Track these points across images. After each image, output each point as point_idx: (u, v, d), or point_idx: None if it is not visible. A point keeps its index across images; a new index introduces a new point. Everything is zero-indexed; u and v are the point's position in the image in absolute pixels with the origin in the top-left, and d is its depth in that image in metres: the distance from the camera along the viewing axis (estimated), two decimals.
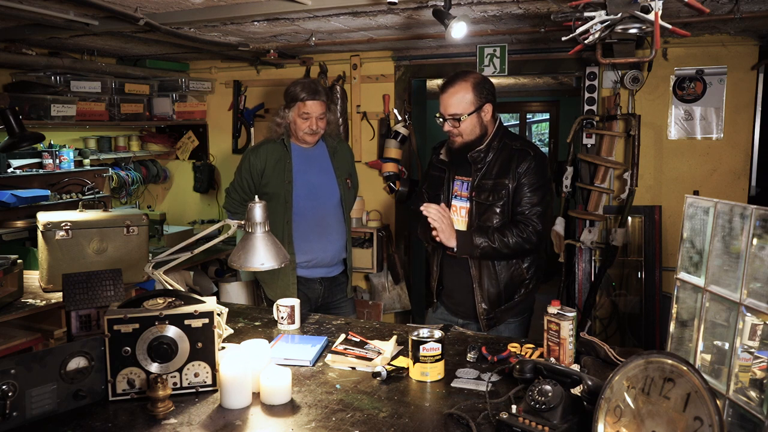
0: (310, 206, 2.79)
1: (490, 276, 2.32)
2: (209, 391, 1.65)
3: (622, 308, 3.82)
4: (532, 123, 8.95)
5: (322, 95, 2.74)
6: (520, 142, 2.35)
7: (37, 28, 2.91)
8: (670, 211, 3.73)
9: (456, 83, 2.28)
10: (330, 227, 2.84)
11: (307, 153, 2.85)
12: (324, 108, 2.74)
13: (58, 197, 3.56)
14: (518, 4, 2.63)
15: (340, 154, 2.93)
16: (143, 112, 4.27)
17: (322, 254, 2.82)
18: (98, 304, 1.90)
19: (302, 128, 2.73)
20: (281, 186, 2.77)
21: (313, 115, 2.71)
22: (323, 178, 2.86)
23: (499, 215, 2.29)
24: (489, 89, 2.30)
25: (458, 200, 2.39)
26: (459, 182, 2.40)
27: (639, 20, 1.88)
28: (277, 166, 2.79)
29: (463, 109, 2.26)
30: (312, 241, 2.80)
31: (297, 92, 2.71)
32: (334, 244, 2.85)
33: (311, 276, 2.84)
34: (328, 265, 2.87)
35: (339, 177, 2.87)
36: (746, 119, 3.59)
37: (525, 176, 2.27)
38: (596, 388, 1.33)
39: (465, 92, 2.26)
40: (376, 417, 1.50)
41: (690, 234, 1.46)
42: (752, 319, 1.25)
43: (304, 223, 2.78)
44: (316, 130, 2.74)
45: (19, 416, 1.46)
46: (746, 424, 1.23)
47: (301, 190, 2.78)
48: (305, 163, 2.82)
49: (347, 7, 2.60)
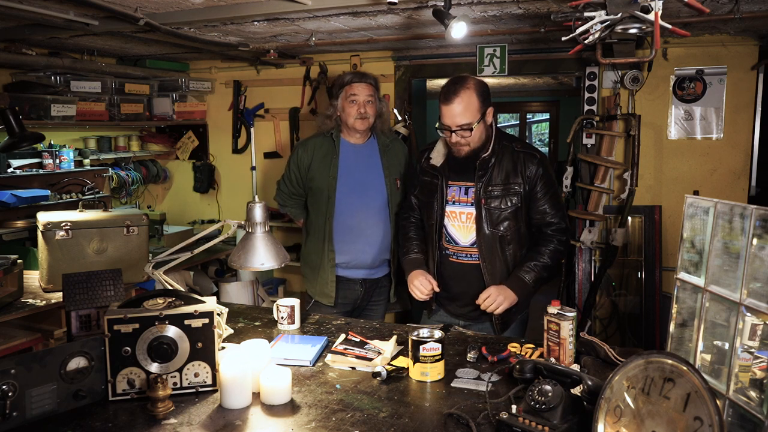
0: (353, 204, 2.72)
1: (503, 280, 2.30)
2: (209, 391, 1.65)
3: (622, 308, 3.82)
4: (532, 123, 8.96)
5: (369, 78, 2.72)
6: (521, 144, 2.34)
7: (37, 28, 2.91)
8: (670, 211, 3.74)
9: (460, 92, 2.17)
10: (372, 228, 2.74)
11: (356, 149, 2.78)
12: (371, 91, 2.70)
13: (58, 197, 3.56)
14: (518, 4, 2.63)
15: (393, 152, 2.84)
16: (143, 112, 4.27)
17: (362, 255, 2.74)
18: (98, 304, 1.90)
19: (351, 114, 2.67)
20: (325, 181, 2.72)
21: (360, 98, 2.66)
22: (371, 176, 2.77)
23: (512, 220, 2.27)
24: (488, 92, 2.26)
25: (457, 206, 2.34)
26: (455, 188, 2.35)
27: (639, 20, 1.88)
28: (324, 161, 2.74)
29: (472, 118, 2.17)
30: (352, 241, 2.73)
31: (344, 77, 2.71)
32: (374, 246, 2.75)
33: (352, 276, 2.78)
34: (370, 267, 2.78)
35: (388, 176, 2.77)
36: (746, 119, 3.59)
37: (538, 182, 2.26)
38: (596, 388, 1.33)
39: (471, 100, 2.17)
40: (376, 417, 1.50)
41: (690, 234, 1.46)
42: (752, 319, 1.25)
43: (345, 222, 2.72)
44: (365, 114, 2.67)
45: (19, 416, 1.46)
46: (746, 424, 1.23)
47: (346, 186, 2.72)
48: (353, 160, 2.76)
49: (347, 7, 2.60)
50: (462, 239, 2.34)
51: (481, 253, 2.29)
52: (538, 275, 2.25)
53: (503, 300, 2.21)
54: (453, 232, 2.35)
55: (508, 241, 2.29)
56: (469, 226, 2.32)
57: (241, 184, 4.72)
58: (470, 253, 2.33)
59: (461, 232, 2.33)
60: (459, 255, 2.35)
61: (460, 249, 2.35)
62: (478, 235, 2.29)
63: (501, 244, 2.28)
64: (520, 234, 2.31)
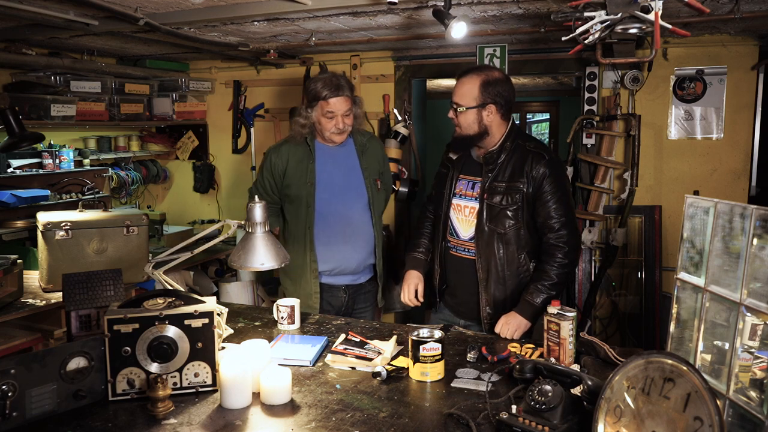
0: (334, 209, 2.62)
1: (497, 281, 2.29)
2: (209, 391, 1.65)
3: (622, 308, 3.83)
4: (532, 123, 8.96)
5: (345, 90, 2.53)
6: (534, 144, 2.31)
7: (37, 28, 2.91)
8: (670, 211, 3.74)
9: (468, 75, 2.28)
10: (356, 232, 2.65)
11: (332, 152, 2.66)
12: (349, 104, 2.54)
13: (58, 197, 3.56)
14: (518, 4, 2.63)
15: (370, 152, 2.73)
16: (143, 112, 4.27)
17: (346, 261, 2.65)
18: (98, 304, 1.90)
19: (328, 128, 2.54)
20: (303, 188, 2.60)
21: (339, 113, 2.52)
22: (350, 178, 2.66)
23: (512, 219, 2.25)
24: (499, 92, 2.25)
25: (463, 199, 2.37)
26: (464, 181, 2.38)
27: (639, 20, 1.88)
28: (300, 167, 2.62)
29: (465, 102, 2.26)
30: (335, 247, 2.63)
31: (318, 90, 2.51)
32: (359, 251, 2.66)
33: (335, 283, 2.68)
34: (354, 273, 2.69)
35: (368, 177, 2.67)
36: (746, 119, 3.59)
37: (544, 183, 2.22)
38: (596, 388, 1.33)
39: (471, 86, 2.25)
40: (376, 417, 1.50)
41: (690, 234, 1.46)
42: (752, 319, 1.25)
43: (327, 228, 2.61)
44: (344, 129, 2.56)
45: (19, 416, 1.46)
46: (746, 424, 1.23)
47: (325, 192, 2.61)
48: (330, 163, 2.64)
49: (347, 7, 2.60)
50: (463, 233, 2.36)
51: (477, 248, 2.30)
52: (546, 296, 2.18)
53: (515, 329, 2.17)
54: (456, 224, 2.38)
55: (506, 240, 2.26)
56: (471, 220, 2.33)
57: (241, 184, 4.72)
58: (468, 247, 2.34)
59: (463, 225, 2.36)
60: (458, 248, 2.38)
61: (460, 242, 2.37)
62: (477, 230, 2.30)
63: (499, 242, 2.27)
64: (520, 236, 2.27)
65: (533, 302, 2.19)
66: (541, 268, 2.25)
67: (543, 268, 2.23)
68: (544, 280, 2.20)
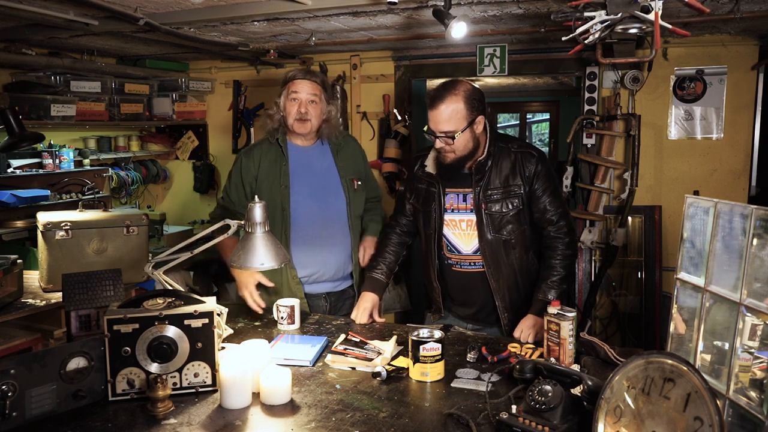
0: (310, 213, 2.49)
1: (511, 287, 2.26)
2: (209, 391, 1.65)
3: (622, 308, 3.83)
4: (532, 123, 8.96)
5: (315, 77, 2.45)
6: (517, 144, 2.27)
7: (37, 28, 2.91)
8: (670, 211, 3.73)
9: (446, 98, 2.09)
10: (333, 237, 2.52)
11: (306, 152, 2.54)
12: (316, 90, 2.44)
13: (58, 197, 3.56)
14: (518, 4, 2.63)
15: (346, 152, 2.61)
16: (143, 112, 4.27)
17: (324, 267, 2.53)
18: (98, 304, 1.90)
19: (291, 113, 2.42)
20: (277, 192, 2.47)
21: (302, 96, 2.41)
22: (326, 179, 2.54)
23: (515, 223, 2.22)
24: (480, 99, 2.15)
25: (456, 213, 2.28)
26: (453, 195, 2.28)
27: (639, 20, 1.88)
28: (272, 169, 2.49)
29: (456, 126, 2.09)
30: (312, 253, 2.51)
31: (289, 74, 2.47)
32: (337, 255, 2.54)
33: (315, 292, 2.56)
34: (333, 279, 2.57)
35: (344, 177, 2.55)
36: (746, 119, 3.59)
37: (536, 180, 2.20)
38: (596, 388, 1.33)
39: (457, 107, 2.09)
40: (376, 417, 1.50)
41: (690, 234, 1.46)
42: (752, 319, 1.25)
43: (303, 234, 2.49)
44: (305, 116, 2.42)
45: (18, 416, 1.46)
46: (746, 424, 1.23)
47: (300, 195, 2.49)
48: (304, 164, 2.53)
49: (347, 7, 2.60)
50: (464, 247, 2.27)
51: (485, 259, 2.24)
52: (558, 290, 2.17)
53: (536, 332, 2.12)
54: (454, 240, 2.29)
55: (512, 245, 2.23)
56: (471, 233, 2.25)
57: None
58: (473, 261, 2.27)
59: (463, 240, 2.27)
60: (462, 264, 2.29)
61: (462, 258, 2.28)
62: (481, 242, 2.23)
63: (506, 248, 2.23)
64: (524, 236, 2.25)
65: (547, 300, 2.15)
66: (547, 263, 2.23)
67: (549, 264, 2.22)
68: (553, 276, 2.19)
